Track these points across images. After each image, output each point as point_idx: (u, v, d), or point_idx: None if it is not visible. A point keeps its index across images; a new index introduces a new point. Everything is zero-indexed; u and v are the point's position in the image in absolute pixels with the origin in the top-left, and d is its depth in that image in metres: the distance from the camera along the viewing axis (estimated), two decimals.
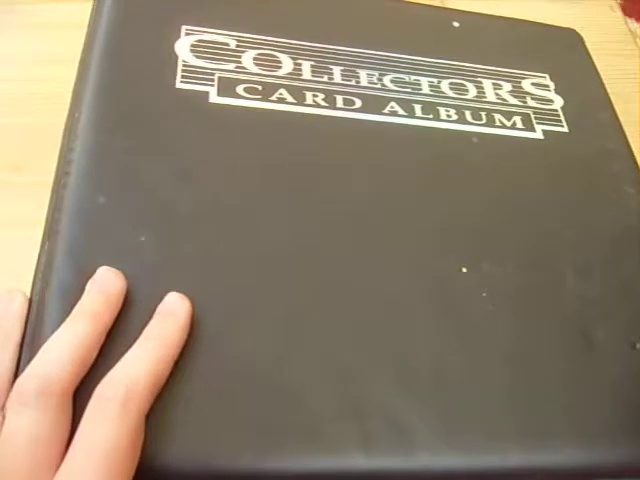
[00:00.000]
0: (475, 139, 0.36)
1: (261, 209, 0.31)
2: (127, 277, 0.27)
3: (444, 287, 0.30)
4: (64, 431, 0.22)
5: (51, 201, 0.29)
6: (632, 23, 0.57)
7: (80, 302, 0.26)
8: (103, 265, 0.27)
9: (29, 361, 0.24)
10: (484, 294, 0.30)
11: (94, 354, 0.24)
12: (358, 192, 0.32)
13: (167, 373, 0.25)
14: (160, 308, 0.26)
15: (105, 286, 0.26)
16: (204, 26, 0.36)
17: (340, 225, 0.31)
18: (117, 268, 0.27)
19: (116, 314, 0.26)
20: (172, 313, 0.26)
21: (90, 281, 0.26)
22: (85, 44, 0.35)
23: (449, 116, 0.37)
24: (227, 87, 0.34)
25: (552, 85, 0.40)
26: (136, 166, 0.30)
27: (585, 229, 0.34)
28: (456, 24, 0.42)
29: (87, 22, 0.35)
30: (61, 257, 0.27)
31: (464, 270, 0.31)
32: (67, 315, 0.25)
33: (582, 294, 0.31)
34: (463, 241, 0.32)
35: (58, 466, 0.22)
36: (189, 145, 0.32)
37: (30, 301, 0.27)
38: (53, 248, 0.28)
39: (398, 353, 0.28)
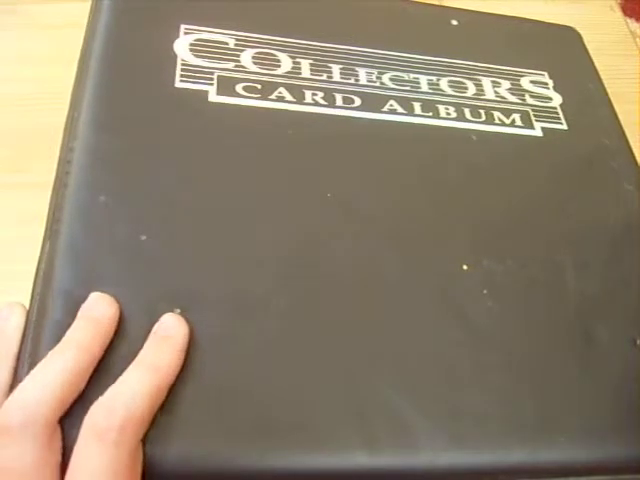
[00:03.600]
0: (474, 137, 0.36)
1: (261, 208, 0.31)
2: (127, 277, 0.27)
3: (445, 285, 0.30)
4: (53, 462, 0.22)
5: (52, 201, 0.29)
6: (632, 23, 0.57)
7: (70, 330, 0.25)
8: (103, 265, 0.27)
9: (29, 363, 0.24)
10: (485, 291, 0.30)
11: (82, 385, 0.24)
12: (358, 190, 0.32)
13: (163, 397, 0.24)
14: (157, 329, 0.26)
15: (96, 313, 0.25)
16: (203, 25, 0.36)
17: (340, 223, 0.31)
18: (117, 267, 0.27)
19: (107, 343, 0.25)
20: (169, 337, 0.25)
21: (82, 307, 0.25)
22: (84, 44, 0.35)
23: (448, 114, 0.37)
24: (226, 86, 0.34)
25: (551, 83, 0.40)
26: (136, 165, 0.30)
27: (584, 226, 0.34)
28: (454, 22, 0.42)
29: (86, 22, 0.35)
30: (62, 257, 0.27)
31: (465, 267, 0.31)
32: (68, 316, 0.25)
33: (582, 291, 0.31)
34: (464, 238, 0.32)
35: None
36: (189, 144, 0.32)
37: (31, 301, 0.26)
38: (54, 248, 0.27)
39: (400, 351, 0.28)
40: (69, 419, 0.23)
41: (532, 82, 0.40)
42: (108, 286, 0.26)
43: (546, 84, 0.40)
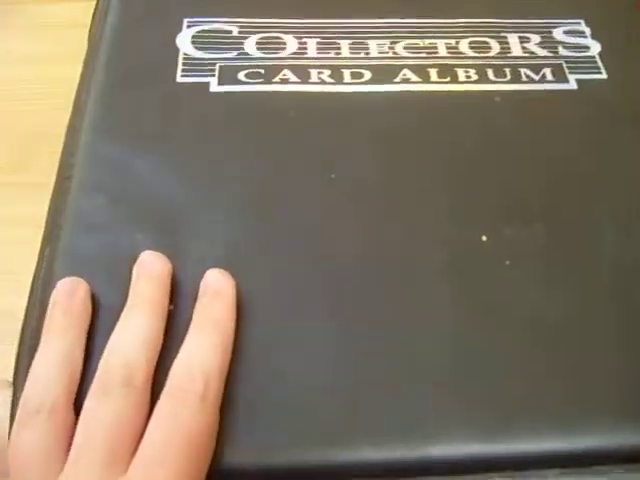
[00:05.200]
0: (498, 98, 0.33)
1: (266, 196, 0.29)
2: (128, 282, 0.26)
3: (463, 258, 0.28)
4: (142, 417, 0.23)
5: (51, 205, 0.29)
6: None
7: (135, 289, 0.25)
8: (102, 271, 0.27)
9: (28, 366, 0.24)
10: (507, 262, 0.27)
11: (161, 340, 0.24)
12: (373, 165, 0.30)
13: (230, 352, 0.25)
14: (205, 288, 0.26)
15: (155, 271, 0.26)
16: (206, 15, 0.36)
17: (356, 201, 0.29)
18: (118, 274, 0.26)
19: (169, 295, 0.26)
20: (219, 293, 0.26)
21: (136, 266, 0.26)
22: (89, 42, 0.35)
23: (468, 77, 0.34)
24: (228, 75, 0.33)
25: (588, 30, 0.36)
26: (137, 167, 0.30)
27: (624, 183, 0.30)
28: None
29: (88, 22, 0.36)
30: (61, 262, 0.27)
31: (484, 239, 0.28)
32: None
33: (621, 255, 0.28)
34: (483, 208, 0.29)
35: (135, 449, 0.22)
36: (189, 141, 0.31)
37: (29, 305, 0.26)
38: (53, 253, 0.27)
39: (412, 334, 0.26)
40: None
41: (566, 32, 0.36)
42: (107, 289, 0.26)
43: (582, 32, 0.36)
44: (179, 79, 0.33)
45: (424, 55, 0.35)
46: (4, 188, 0.38)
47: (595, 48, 0.36)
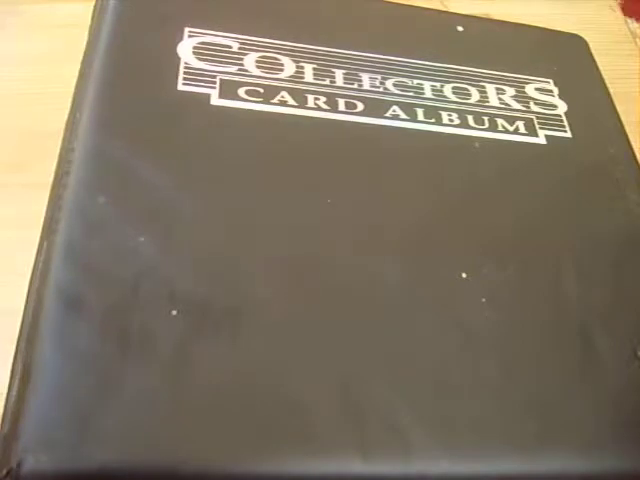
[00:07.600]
0: (477, 144, 0.36)
1: (260, 212, 0.30)
2: (125, 278, 0.27)
3: (444, 292, 0.30)
4: None
5: (50, 200, 0.29)
6: (632, 23, 0.57)
7: None
8: (101, 265, 0.27)
9: (24, 362, 0.24)
10: (483, 299, 0.30)
11: None
12: (358, 195, 0.32)
13: None
14: None
15: None
16: (207, 28, 0.36)
17: (340, 229, 0.31)
18: (116, 269, 0.27)
19: None
20: None
21: None
22: (87, 44, 0.35)
23: (451, 120, 0.36)
24: (229, 89, 0.34)
25: (556, 90, 0.40)
26: (136, 167, 0.30)
27: (587, 235, 0.34)
28: (460, 29, 0.42)
29: (88, 22, 0.35)
30: (59, 256, 0.27)
31: (464, 275, 0.30)
32: (64, 316, 0.25)
33: (584, 301, 0.31)
34: (464, 246, 0.32)
35: None
36: (190, 147, 0.32)
37: (27, 301, 0.26)
38: (51, 247, 0.27)
39: (397, 358, 0.28)
40: None
41: (537, 89, 0.40)
42: (105, 287, 0.26)
43: (551, 92, 0.40)
44: (180, 87, 0.33)
45: (412, 94, 0.37)
46: (4, 188, 0.37)
47: (562, 107, 0.39)
